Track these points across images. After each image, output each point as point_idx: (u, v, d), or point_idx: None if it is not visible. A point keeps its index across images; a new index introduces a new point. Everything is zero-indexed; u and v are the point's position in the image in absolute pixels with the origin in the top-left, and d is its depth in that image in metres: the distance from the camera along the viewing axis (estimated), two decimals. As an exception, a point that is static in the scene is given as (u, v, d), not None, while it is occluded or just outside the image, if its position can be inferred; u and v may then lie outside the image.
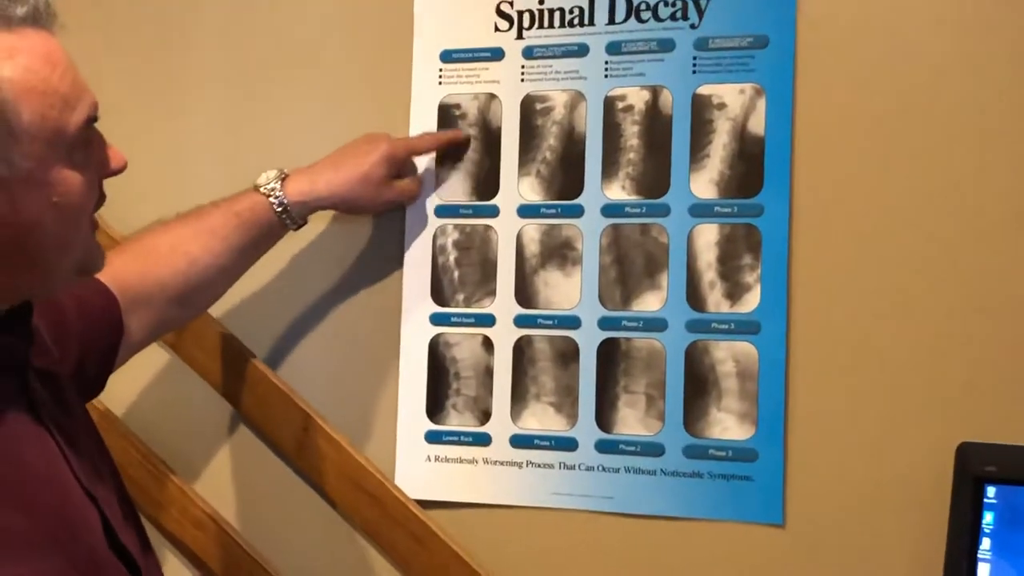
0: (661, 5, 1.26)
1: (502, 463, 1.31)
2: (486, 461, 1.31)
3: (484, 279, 1.32)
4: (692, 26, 1.25)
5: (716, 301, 1.23)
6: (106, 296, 1.12)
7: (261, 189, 1.23)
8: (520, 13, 1.31)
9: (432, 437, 1.33)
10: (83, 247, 0.91)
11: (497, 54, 1.32)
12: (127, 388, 1.45)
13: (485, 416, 1.31)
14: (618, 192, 1.27)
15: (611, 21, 1.28)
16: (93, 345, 1.10)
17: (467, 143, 1.32)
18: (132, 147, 0.95)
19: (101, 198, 0.92)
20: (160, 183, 1.43)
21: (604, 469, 1.27)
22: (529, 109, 1.31)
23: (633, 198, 1.26)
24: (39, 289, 0.92)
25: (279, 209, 1.22)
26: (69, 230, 0.88)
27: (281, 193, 1.22)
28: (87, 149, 0.88)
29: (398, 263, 1.35)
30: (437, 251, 1.34)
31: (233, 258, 1.22)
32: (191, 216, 1.22)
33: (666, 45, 1.26)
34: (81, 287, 1.09)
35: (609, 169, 1.27)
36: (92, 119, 0.88)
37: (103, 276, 1.10)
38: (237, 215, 1.21)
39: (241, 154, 1.43)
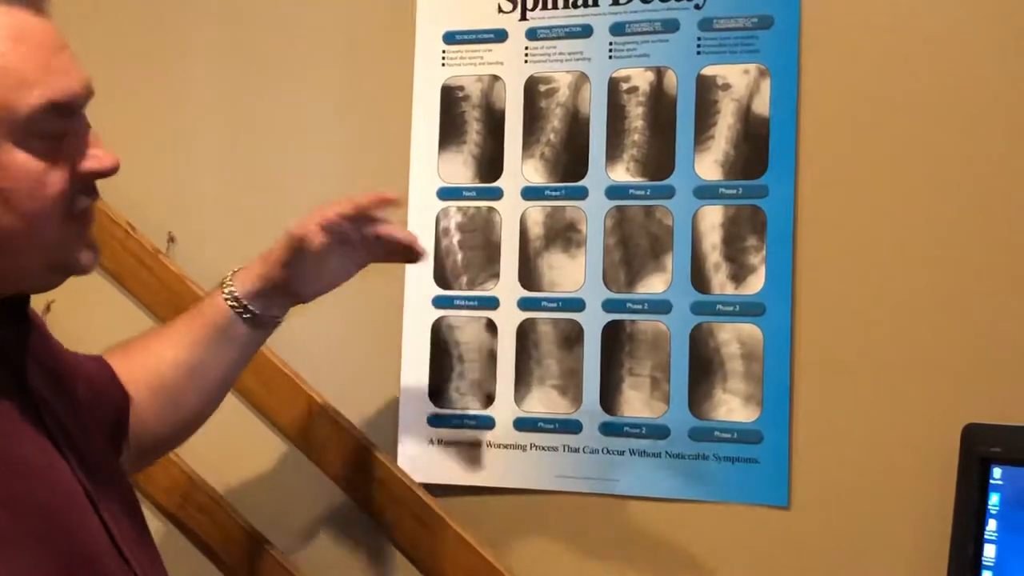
0: (665, -15, 1.25)
1: (506, 446, 1.30)
2: (490, 444, 1.31)
3: (487, 262, 1.31)
4: (696, 6, 1.24)
5: (721, 283, 1.22)
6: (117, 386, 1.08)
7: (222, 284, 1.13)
8: (523, -6, 1.31)
9: (435, 420, 1.33)
10: (55, 243, 0.85)
11: (501, 35, 1.32)
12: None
13: (489, 399, 1.31)
14: (622, 174, 1.26)
15: (615, 2, 1.27)
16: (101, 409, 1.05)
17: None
18: (132, 135, 0.93)
19: (88, 195, 0.86)
20: (162, 167, 1.42)
21: (609, 452, 1.26)
22: (533, 91, 1.30)
23: (637, 180, 1.26)
24: (14, 280, 0.86)
25: (232, 302, 1.11)
26: (27, 220, 0.82)
27: (232, 283, 1.11)
28: (60, 140, 0.83)
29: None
30: (440, 233, 1.33)
31: (197, 354, 1.11)
32: (166, 323, 1.17)
33: (670, 26, 1.25)
34: (92, 371, 1.05)
35: (613, 151, 1.27)
36: (62, 108, 0.82)
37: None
38: (200, 312, 1.13)
39: (242, 138, 1.43)
